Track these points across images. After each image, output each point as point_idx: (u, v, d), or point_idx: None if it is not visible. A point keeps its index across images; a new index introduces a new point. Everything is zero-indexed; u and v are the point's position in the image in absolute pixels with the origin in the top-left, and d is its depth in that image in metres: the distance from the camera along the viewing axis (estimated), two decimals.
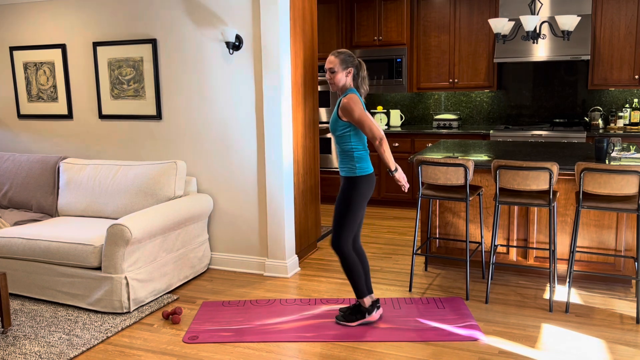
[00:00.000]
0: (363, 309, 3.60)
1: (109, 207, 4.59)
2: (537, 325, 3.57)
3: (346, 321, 3.60)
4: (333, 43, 6.99)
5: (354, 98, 3.36)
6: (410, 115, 7.20)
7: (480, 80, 6.52)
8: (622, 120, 6.10)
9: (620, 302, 3.88)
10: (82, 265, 3.93)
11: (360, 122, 3.32)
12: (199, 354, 3.31)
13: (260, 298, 4.12)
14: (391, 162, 3.40)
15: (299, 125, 4.74)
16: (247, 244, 4.68)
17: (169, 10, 4.64)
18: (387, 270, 4.65)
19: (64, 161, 4.95)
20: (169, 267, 4.20)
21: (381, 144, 3.35)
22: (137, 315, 3.83)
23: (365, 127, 3.33)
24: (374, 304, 3.63)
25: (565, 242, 4.29)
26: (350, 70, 3.42)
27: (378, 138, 3.33)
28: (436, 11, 6.61)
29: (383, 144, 3.35)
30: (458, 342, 3.36)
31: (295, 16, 4.58)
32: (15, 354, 3.32)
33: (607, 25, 5.89)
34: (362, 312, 3.60)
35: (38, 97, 5.33)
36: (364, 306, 3.60)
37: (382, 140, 3.35)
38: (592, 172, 3.58)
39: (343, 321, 3.61)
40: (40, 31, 5.21)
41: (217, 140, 4.65)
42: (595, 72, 6.00)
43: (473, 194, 4.02)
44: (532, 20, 4.35)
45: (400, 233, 5.76)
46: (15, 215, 4.76)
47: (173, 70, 4.72)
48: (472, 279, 4.39)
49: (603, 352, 3.20)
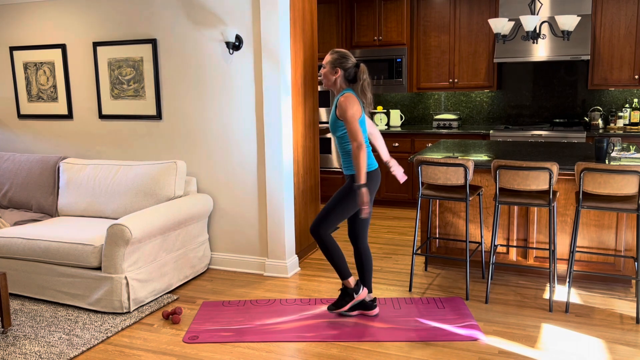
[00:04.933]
0: (349, 291, 3.63)
1: (109, 207, 4.59)
2: (537, 325, 3.57)
3: (337, 308, 3.66)
4: (333, 43, 6.99)
5: (350, 98, 3.37)
6: (410, 115, 7.20)
7: (480, 80, 6.52)
8: (622, 120, 6.10)
9: (620, 302, 3.88)
10: (82, 265, 3.93)
11: (350, 122, 3.33)
12: (199, 354, 3.31)
13: (260, 298, 4.12)
14: (362, 174, 3.34)
15: (299, 125, 4.74)
16: (247, 244, 4.68)
17: (169, 10, 4.64)
18: (387, 270, 4.65)
19: (64, 161, 4.95)
20: (169, 267, 4.20)
21: (358, 149, 3.31)
22: (137, 315, 3.83)
23: (352, 129, 3.33)
24: (359, 284, 3.66)
25: (565, 242, 4.29)
26: (338, 70, 3.43)
27: (357, 143, 3.31)
28: (436, 11, 6.61)
29: (361, 151, 3.31)
30: (458, 342, 3.37)
31: (295, 16, 4.58)
32: (15, 354, 3.32)
33: (607, 25, 5.89)
34: (349, 294, 3.63)
35: (38, 97, 5.33)
36: (349, 287, 3.63)
37: (360, 147, 3.31)
38: (592, 172, 3.58)
39: (335, 309, 3.66)
40: (40, 31, 5.21)
41: (217, 140, 4.65)
42: (595, 72, 6.00)
43: (473, 194, 4.02)
44: (532, 20, 4.35)
45: (400, 233, 5.76)
46: (15, 215, 4.76)
47: (173, 70, 4.72)
48: (472, 279, 4.39)
49: (603, 352, 3.20)
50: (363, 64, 3.48)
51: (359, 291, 3.64)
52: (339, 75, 3.45)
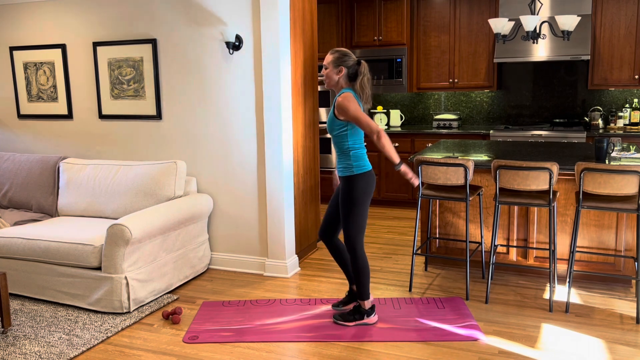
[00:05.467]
0: (362, 310, 3.61)
1: (109, 207, 4.59)
2: (537, 325, 3.57)
3: (344, 321, 3.62)
4: (333, 43, 6.98)
5: (348, 96, 3.36)
6: (410, 115, 7.20)
7: (480, 80, 6.52)
8: (622, 120, 6.10)
9: (620, 302, 3.88)
10: (82, 265, 3.93)
11: (356, 118, 3.32)
12: (199, 354, 3.31)
13: (260, 298, 4.12)
14: (394, 155, 3.36)
15: (299, 125, 4.74)
16: (247, 244, 4.68)
17: (169, 10, 4.64)
18: (387, 270, 4.65)
19: (64, 161, 4.95)
20: (169, 267, 4.20)
21: (379, 138, 3.31)
22: (137, 315, 3.83)
23: (362, 123, 3.32)
24: (373, 308, 3.64)
25: (565, 242, 4.29)
26: (342, 69, 3.43)
27: (375, 132, 3.30)
28: (436, 11, 6.61)
29: (382, 138, 3.31)
30: (458, 342, 3.36)
31: (295, 16, 4.58)
32: (15, 354, 3.32)
33: (607, 25, 5.89)
34: (360, 313, 3.61)
35: (38, 97, 5.33)
36: (363, 308, 3.60)
37: (379, 134, 3.30)
38: (592, 172, 3.58)
39: (341, 320, 3.62)
40: (40, 31, 5.21)
41: (217, 140, 4.65)
42: (595, 72, 6.00)
43: (473, 194, 4.02)
44: (532, 20, 4.35)
45: (400, 233, 5.76)
46: (15, 215, 4.76)
47: (173, 70, 4.72)
48: (472, 279, 4.39)
49: (603, 352, 3.20)
50: (364, 61, 3.48)
51: (372, 315, 3.62)
52: (343, 74, 3.45)
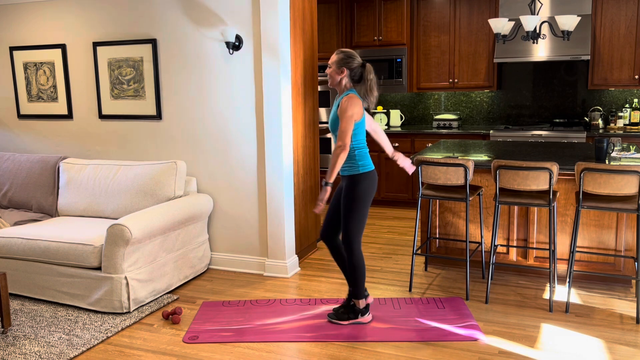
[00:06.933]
0: (357, 310, 3.62)
1: (109, 207, 4.59)
2: (537, 325, 3.57)
3: (338, 319, 3.63)
4: (333, 43, 6.99)
5: (354, 98, 3.36)
6: (410, 115, 7.20)
7: (480, 80, 6.52)
8: (622, 120, 6.10)
9: (620, 302, 3.88)
10: (82, 265, 3.93)
11: (346, 121, 3.33)
12: (199, 354, 3.31)
13: (260, 298, 4.12)
14: (333, 173, 3.35)
15: (299, 125, 4.74)
16: (247, 244, 4.68)
17: (169, 10, 4.64)
18: (387, 270, 4.65)
19: (64, 161, 4.95)
20: (169, 267, 4.20)
21: (340, 149, 3.32)
22: (137, 315, 3.83)
23: (343, 127, 3.33)
24: (368, 307, 3.65)
25: (565, 242, 4.29)
26: (344, 70, 3.43)
27: (343, 145, 3.32)
28: (436, 11, 6.61)
29: (342, 153, 3.32)
30: (458, 342, 3.36)
31: (295, 16, 4.58)
32: (15, 354, 3.32)
33: (607, 25, 5.89)
34: (355, 312, 3.62)
35: (38, 97, 5.33)
36: (357, 307, 3.61)
37: (343, 148, 3.32)
38: (592, 172, 3.58)
39: (335, 319, 3.64)
40: (40, 31, 5.21)
41: (217, 140, 4.65)
42: (595, 72, 6.00)
43: (473, 194, 4.02)
44: (532, 20, 4.35)
45: (400, 233, 5.76)
46: (15, 215, 4.76)
47: (173, 70, 4.72)
48: (472, 279, 4.39)
49: (603, 352, 3.20)
50: (369, 63, 3.48)
51: (366, 314, 3.63)
52: (345, 75, 3.44)
